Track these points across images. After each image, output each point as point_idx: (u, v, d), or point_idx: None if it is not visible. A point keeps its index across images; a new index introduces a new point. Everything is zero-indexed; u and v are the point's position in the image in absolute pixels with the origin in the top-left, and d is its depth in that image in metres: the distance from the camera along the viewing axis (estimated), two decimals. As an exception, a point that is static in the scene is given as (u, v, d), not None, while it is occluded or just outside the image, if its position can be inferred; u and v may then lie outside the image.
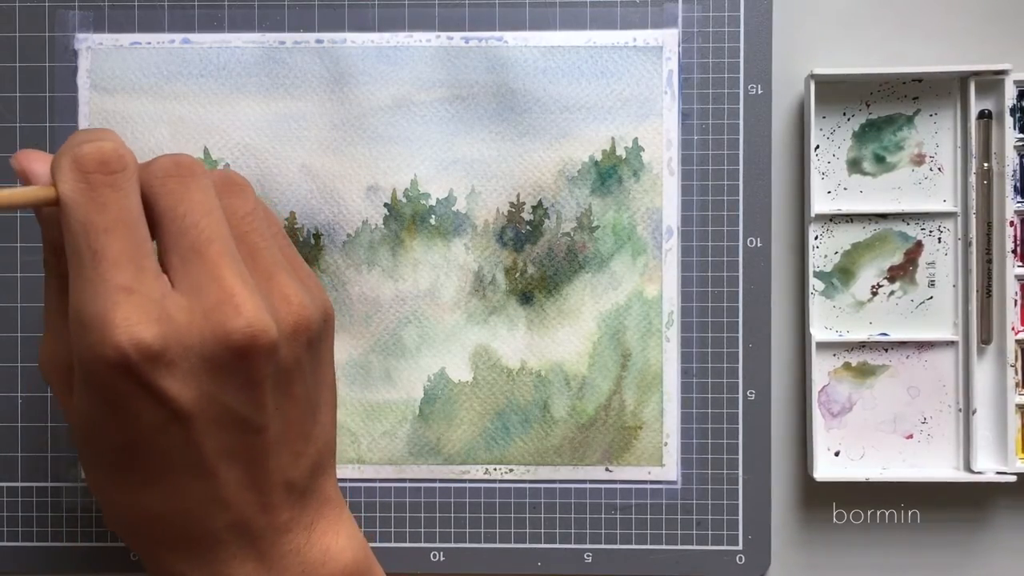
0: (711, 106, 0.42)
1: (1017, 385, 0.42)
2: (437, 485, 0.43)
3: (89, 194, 0.27)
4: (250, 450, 0.29)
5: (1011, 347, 0.41)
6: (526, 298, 0.42)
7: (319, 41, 0.42)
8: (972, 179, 0.42)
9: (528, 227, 0.42)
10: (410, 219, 0.42)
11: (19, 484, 0.43)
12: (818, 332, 0.42)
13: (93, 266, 0.27)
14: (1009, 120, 0.41)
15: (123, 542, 0.34)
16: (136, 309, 0.27)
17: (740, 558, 0.42)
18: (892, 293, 0.42)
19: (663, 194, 0.42)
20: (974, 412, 0.42)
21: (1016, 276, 0.42)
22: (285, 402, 0.30)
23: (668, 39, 0.42)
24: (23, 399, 0.43)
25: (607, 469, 0.43)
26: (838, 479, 0.42)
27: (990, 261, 0.42)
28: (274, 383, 0.29)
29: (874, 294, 0.42)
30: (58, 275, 0.30)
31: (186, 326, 0.27)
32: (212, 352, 0.27)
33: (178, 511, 0.29)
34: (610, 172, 0.42)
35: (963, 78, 0.42)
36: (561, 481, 0.43)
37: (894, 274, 0.42)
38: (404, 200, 0.42)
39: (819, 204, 0.42)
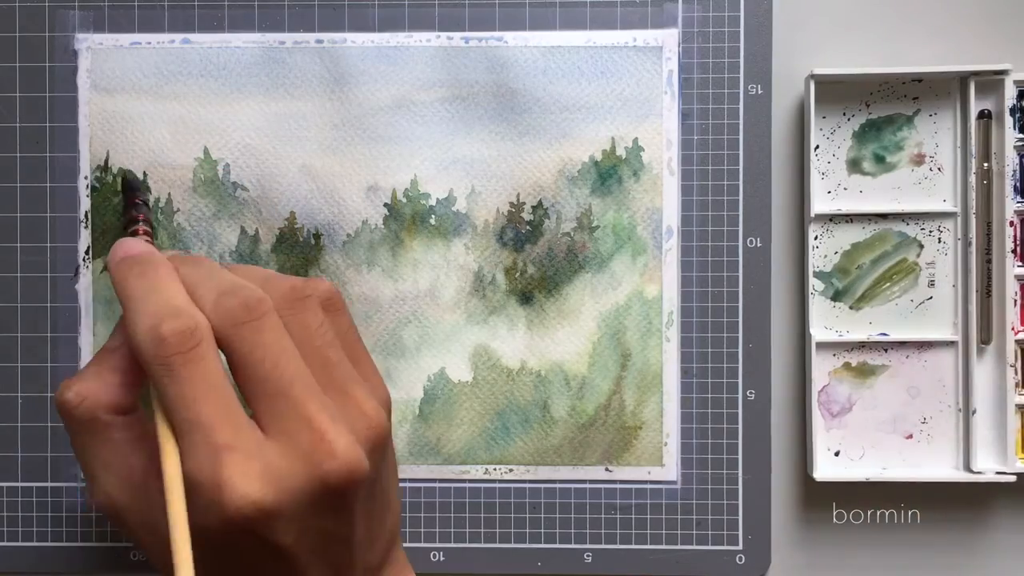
0: (711, 106, 0.42)
1: (1017, 385, 0.42)
2: (437, 485, 0.43)
3: (175, 374, 0.29)
4: (339, 555, 0.31)
5: (1011, 347, 0.41)
6: (526, 298, 0.42)
7: (319, 41, 0.42)
8: (972, 179, 0.42)
9: (528, 227, 0.42)
10: (410, 219, 0.42)
11: (19, 484, 0.43)
12: (818, 332, 0.42)
13: (192, 433, 0.29)
14: (1009, 120, 0.41)
15: None
16: (240, 466, 0.28)
17: (740, 558, 0.42)
18: (892, 293, 0.43)
19: (663, 194, 0.42)
20: (974, 412, 0.42)
21: (1016, 276, 0.42)
22: (366, 505, 0.31)
23: (668, 39, 0.42)
24: (23, 399, 0.43)
25: (607, 469, 0.43)
26: (838, 479, 0.42)
27: (990, 261, 0.42)
28: (361, 497, 0.31)
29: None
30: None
31: (287, 473, 0.29)
32: (312, 492, 0.29)
33: None
34: (610, 172, 0.42)
35: (963, 78, 0.42)
36: (561, 481, 0.43)
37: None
38: (404, 200, 0.42)
39: (819, 204, 0.42)
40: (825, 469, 0.42)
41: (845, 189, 0.43)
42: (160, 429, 0.30)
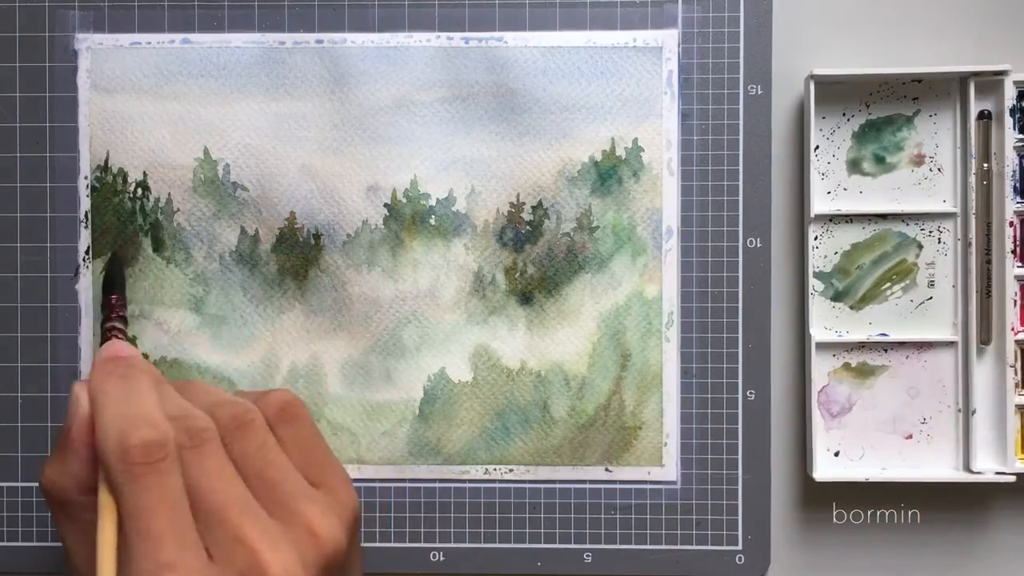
0: (711, 106, 0.42)
1: (1017, 385, 0.42)
2: (437, 485, 0.43)
3: (135, 482, 0.29)
4: None
5: (1011, 347, 0.41)
6: (526, 298, 0.42)
7: (319, 41, 0.42)
8: (972, 179, 0.42)
9: (528, 227, 0.42)
10: (410, 219, 0.42)
11: (19, 484, 0.43)
12: (818, 332, 0.42)
13: (139, 544, 0.29)
14: (1009, 120, 0.41)
15: None
16: None
17: (740, 558, 0.42)
18: (892, 293, 0.43)
19: (663, 194, 0.42)
20: (974, 412, 0.42)
21: (1016, 276, 0.42)
22: None
23: (668, 39, 0.42)
24: (23, 399, 0.43)
25: (607, 469, 0.43)
26: (838, 479, 0.42)
27: (990, 261, 0.42)
28: None
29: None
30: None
31: None
32: None
33: None
34: (610, 172, 0.42)
35: (963, 78, 0.42)
36: (561, 481, 0.43)
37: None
38: (404, 200, 0.42)
39: (819, 204, 0.42)
40: (825, 469, 0.42)
41: (845, 189, 0.43)
42: (101, 533, 0.30)
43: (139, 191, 0.42)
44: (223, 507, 0.30)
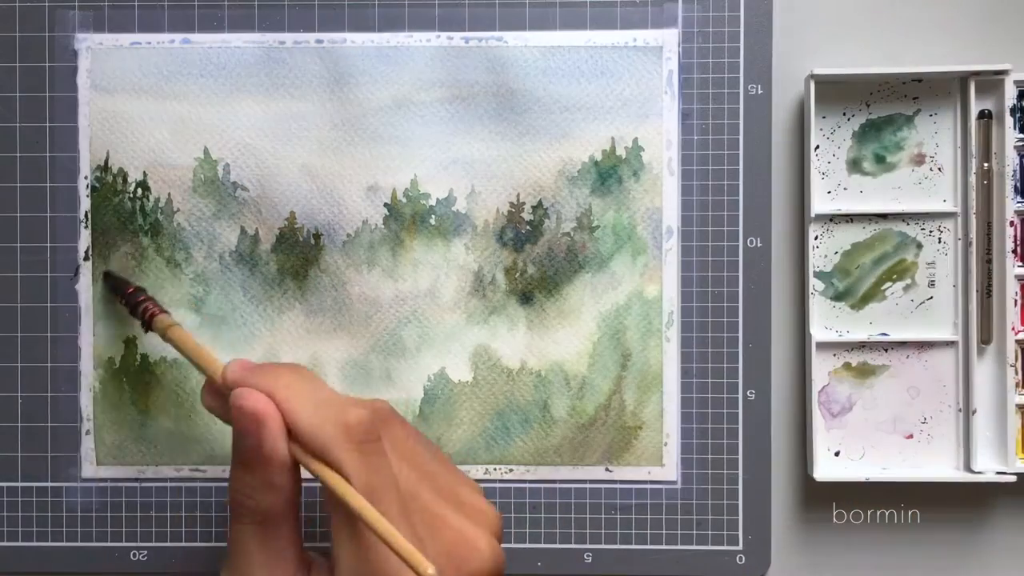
0: (711, 106, 0.42)
1: (1017, 385, 0.42)
2: (437, 485, 0.43)
3: (366, 461, 0.30)
4: None
5: (1011, 347, 0.41)
6: (526, 298, 0.42)
7: (319, 41, 0.42)
8: (972, 179, 0.42)
9: (528, 227, 0.42)
10: (410, 219, 0.42)
11: (19, 484, 0.43)
12: (818, 332, 0.42)
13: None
14: (1009, 120, 0.41)
15: None
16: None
17: (740, 558, 0.42)
18: (892, 293, 0.43)
19: (663, 194, 0.42)
20: (974, 412, 0.42)
21: (1016, 276, 0.42)
22: None
23: (668, 39, 0.42)
24: (23, 399, 0.43)
25: (607, 469, 0.43)
26: (838, 479, 0.42)
27: (990, 261, 0.42)
28: None
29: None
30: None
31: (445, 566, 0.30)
32: None
33: None
34: (610, 172, 0.42)
35: (963, 78, 0.42)
36: (561, 481, 0.43)
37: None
38: (404, 200, 0.42)
39: (819, 204, 0.42)
40: (825, 469, 0.42)
41: (845, 189, 0.43)
42: (347, 493, 0.30)
43: (139, 191, 0.42)
44: (416, 489, 0.31)
